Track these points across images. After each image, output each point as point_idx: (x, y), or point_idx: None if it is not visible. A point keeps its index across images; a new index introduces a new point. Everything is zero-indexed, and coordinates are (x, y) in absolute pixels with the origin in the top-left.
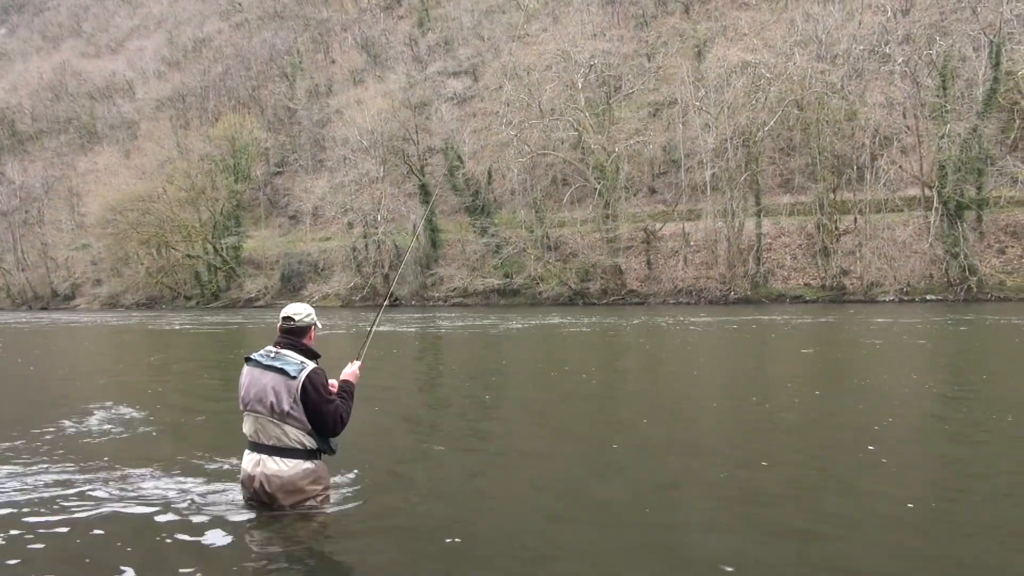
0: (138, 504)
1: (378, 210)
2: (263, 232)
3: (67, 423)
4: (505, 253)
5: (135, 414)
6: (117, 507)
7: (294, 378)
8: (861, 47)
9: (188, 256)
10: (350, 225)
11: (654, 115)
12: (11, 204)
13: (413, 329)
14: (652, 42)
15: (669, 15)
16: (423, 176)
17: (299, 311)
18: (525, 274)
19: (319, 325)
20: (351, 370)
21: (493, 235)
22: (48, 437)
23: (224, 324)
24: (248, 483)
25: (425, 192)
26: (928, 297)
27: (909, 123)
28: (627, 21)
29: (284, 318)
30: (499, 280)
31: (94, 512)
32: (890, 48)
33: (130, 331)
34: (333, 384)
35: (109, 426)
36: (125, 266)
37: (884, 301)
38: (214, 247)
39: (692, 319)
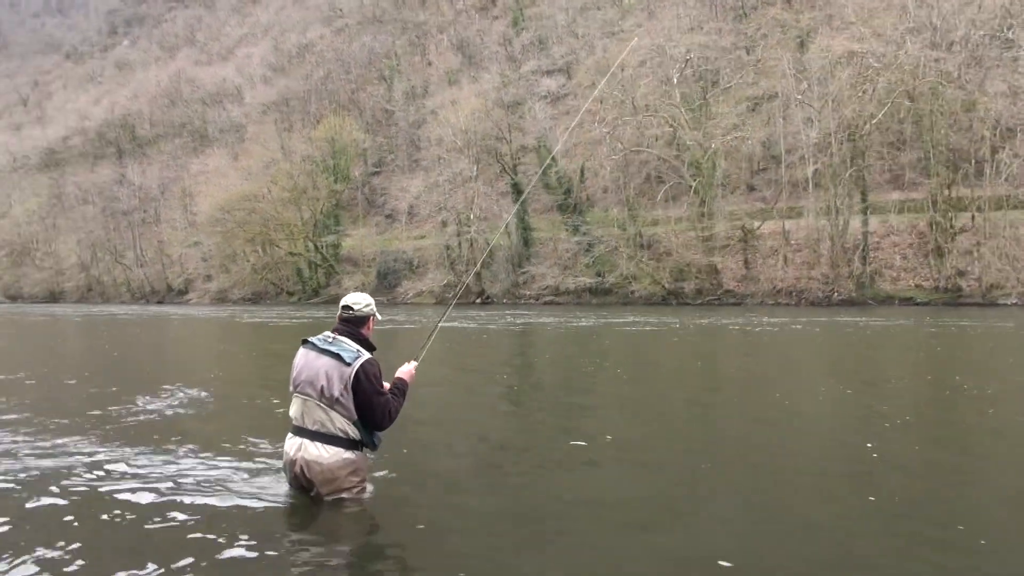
0: (179, 483)
1: (471, 209)
2: (361, 231)
3: (132, 402)
4: (597, 252)
5: (195, 396)
6: (159, 485)
7: (349, 365)
8: (981, 32)
9: (290, 254)
10: (444, 224)
11: (753, 110)
12: (131, 204)
13: (474, 325)
14: (751, 34)
15: (770, 6)
16: (515, 175)
17: (358, 301)
18: (617, 273)
19: (379, 316)
20: (407, 369)
21: (585, 233)
22: (110, 415)
23: (312, 317)
24: (289, 467)
25: (517, 191)
26: None
27: None
28: (725, 13)
29: (343, 307)
30: (591, 279)
31: (131, 490)
32: (1013, 32)
33: (222, 323)
34: (386, 384)
35: (166, 407)
36: (233, 263)
37: (1005, 304)
38: (315, 245)
39: (777, 320)
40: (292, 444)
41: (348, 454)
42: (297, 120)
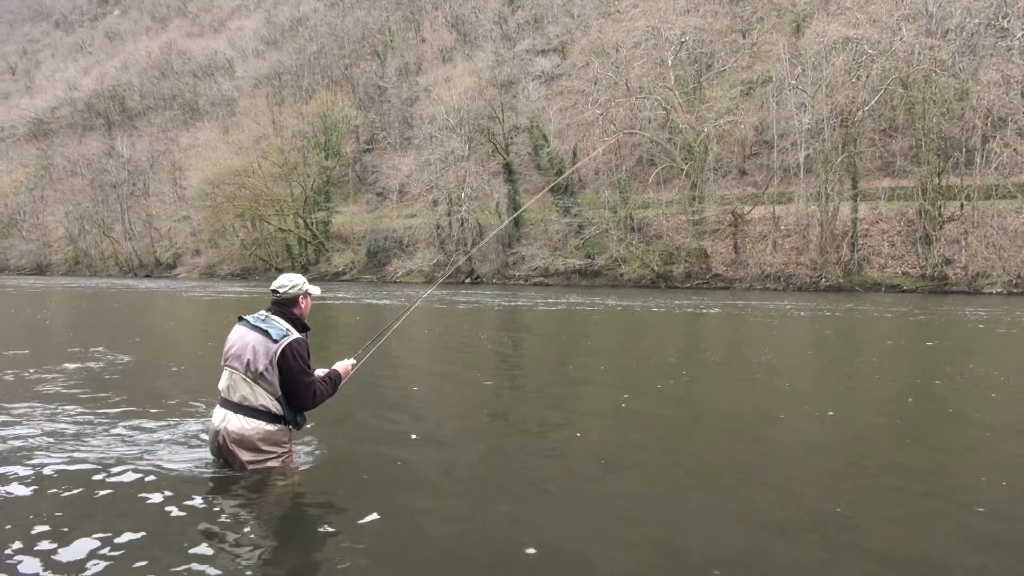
0: (102, 451)
1: (462, 188)
2: (351, 208)
3: (29, 367)
4: (587, 234)
5: (118, 366)
6: (80, 454)
7: (276, 342)
8: (976, 21)
9: (280, 230)
10: (435, 203)
11: (747, 94)
12: (120, 177)
13: (462, 306)
14: (747, 18)
15: None
16: (507, 155)
17: (284, 284)
18: (607, 255)
19: (313, 294)
20: (344, 364)
21: (576, 215)
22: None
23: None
24: (213, 438)
25: (509, 171)
26: None
27: None
28: None
29: (271, 291)
30: (580, 261)
31: (50, 459)
32: (1008, 22)
33: (186, 297)
34: (322, 371)
35: (81, 378)
36: (222, 238)
37: (990, 293)
38: (304, 221)
39: (771, 304)
40: (218, 415)
41: (270, 427)
42: (289, 95)
